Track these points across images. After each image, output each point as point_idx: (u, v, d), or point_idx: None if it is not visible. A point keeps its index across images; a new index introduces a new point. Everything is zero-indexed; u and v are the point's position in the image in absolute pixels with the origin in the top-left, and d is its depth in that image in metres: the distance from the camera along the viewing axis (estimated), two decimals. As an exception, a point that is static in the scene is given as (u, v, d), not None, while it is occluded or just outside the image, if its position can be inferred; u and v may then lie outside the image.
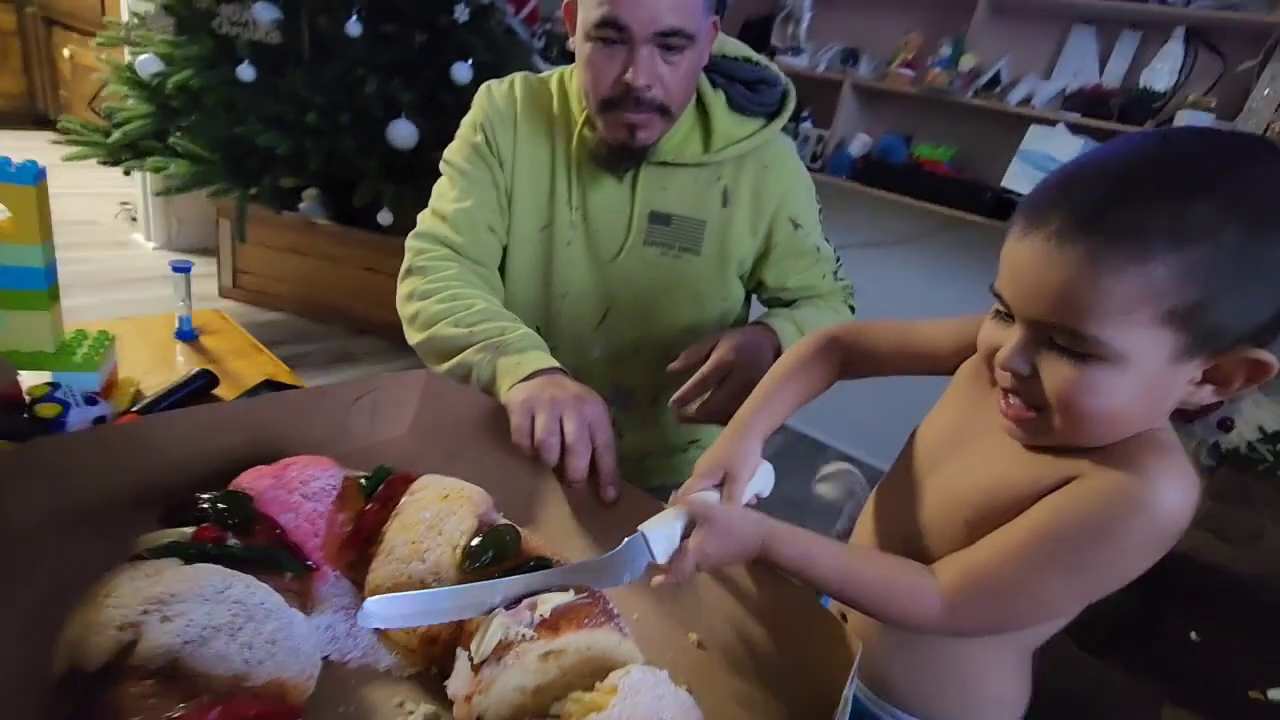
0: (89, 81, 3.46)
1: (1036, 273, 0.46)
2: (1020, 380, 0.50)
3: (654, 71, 0.81)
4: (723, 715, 0.52)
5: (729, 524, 0.53)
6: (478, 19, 2.20)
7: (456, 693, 0.47)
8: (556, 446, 0.68)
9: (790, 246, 0.98)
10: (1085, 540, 0.47)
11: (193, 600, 0.43)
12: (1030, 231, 0.46)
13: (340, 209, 2.46)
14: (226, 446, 0.63)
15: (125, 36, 2.07)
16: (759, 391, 0.68)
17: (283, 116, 1.95)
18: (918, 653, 0.62)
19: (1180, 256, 0.41)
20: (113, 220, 3.08)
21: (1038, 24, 2.01)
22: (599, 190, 0.95)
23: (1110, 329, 0.44)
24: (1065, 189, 0.46)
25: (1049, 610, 0.52)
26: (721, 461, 0.62)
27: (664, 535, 0.53)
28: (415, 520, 0.56)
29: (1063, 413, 0.48)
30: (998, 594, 0.50)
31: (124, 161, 2.00)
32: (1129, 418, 0.48)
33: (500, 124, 0.95)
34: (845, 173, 2.13)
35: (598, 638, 0.50)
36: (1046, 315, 0.46)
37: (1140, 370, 0.45)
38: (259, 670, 0.42)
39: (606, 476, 0.68)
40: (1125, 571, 0.48)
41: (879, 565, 0.54)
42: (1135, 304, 0.43)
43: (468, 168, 0.94)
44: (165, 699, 0.38)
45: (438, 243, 0.93)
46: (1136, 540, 0.46)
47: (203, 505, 0.53)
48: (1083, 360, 0.45)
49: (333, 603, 0.55)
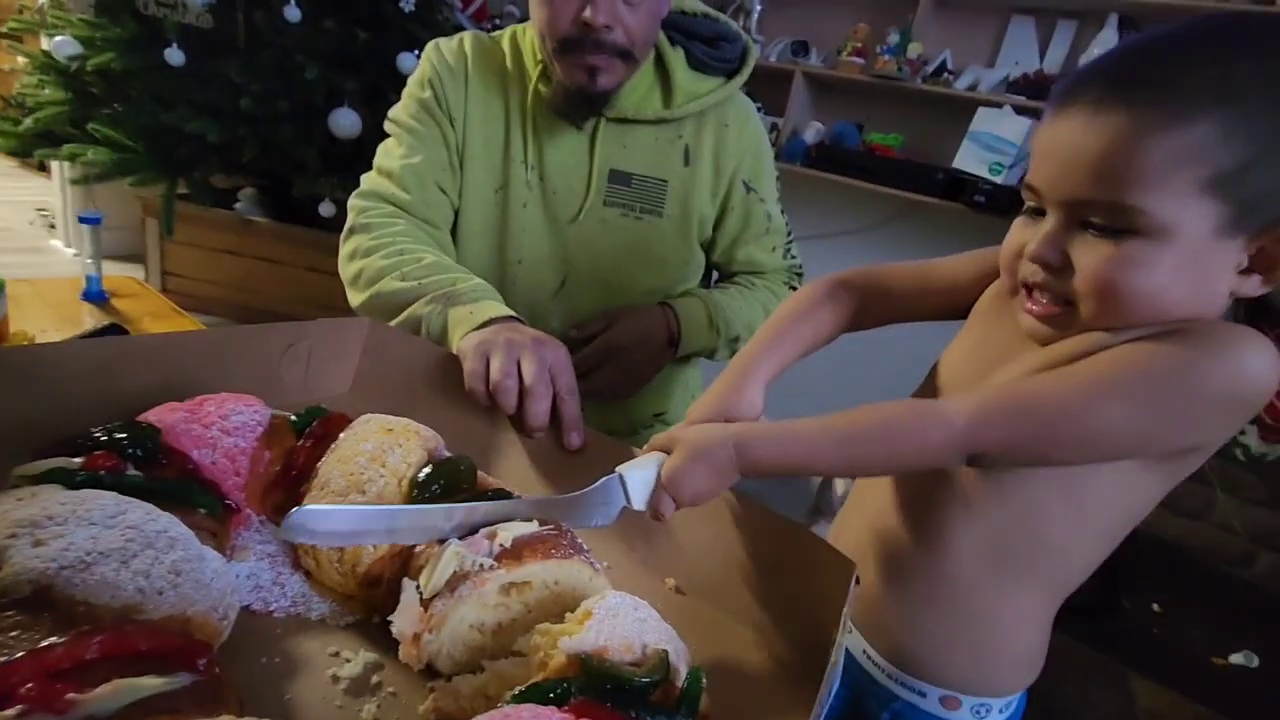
0: (2, 84, 3.26)
1: (1072, 147, 0.43)
2: (1050, 271, 0.46)
3: (613, 12, 0.78)
4: (708, 658, 0.46)
5: (693, 444, 0.46)
6: (424, 10, 2.15)
7: (403, 630, 0.40)
8: (513, 390, 0.62)
9: (743, 212, 0.96)
10: (1158, 371, 0.42)
11: (74, 523, 0.36)
12: (1063, 110, 0.44)
13: (279, 208, 2.34)
14: (132, 388, 0.55)
15: (40, 20, 1.94)
16: (761, 335, 0.62)
17: (215, 103, 1.84)
18: (942, 609, 0.56)
19: (1223, 113, 0.39)
20: (28, 227, 2.88)
21: (979, 15, 2.06)
22: (556, 147, 0.90)
23: (1152, 198, 0.41)
24: (1100, 65, 0.44)
25: (1098, 443, 0.44)
26: (720, 409, 0.55)
27: (642, 478, 0.46)
28: (355, 453, 0.49)
29: (1098, 297, 0.44)
30: (1038, 408, 0.43)
31: (36, 153, 1.85)
32: (1170, 300, 0.43)
33: (450, 79, 0.89)
34: (800, 160, 2.14)
35: (567, 570, 0.44)
36: (1084, 191, 0.43)
37: (1182, 245, 0.42)
38: (157, 601, 0.35)
39: (569, 422, 0.62)
40: (1198, 424, 0.43)
41: (870, 415, 0.47)
42: (1178, 166, 0.40)
43: (415, 125, 0.88)
44: (30, 631, 0.31)
45: (383, 200, 0.86)
46: (1216, 387, 0.41)
47: (96, 435, 0.45)
48: (1120, 236, 0.42)
49: (255, 550, 0.48)
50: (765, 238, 0.97)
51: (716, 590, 0.52)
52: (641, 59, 0.85)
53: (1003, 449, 0.44)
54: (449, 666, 0.40)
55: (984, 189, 1.84)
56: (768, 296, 0.97)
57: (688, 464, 0.45)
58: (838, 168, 2.08)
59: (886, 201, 2.12)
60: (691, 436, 0.47)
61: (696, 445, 0.46)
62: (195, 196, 2.16)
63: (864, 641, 0.60)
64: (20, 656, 0.29)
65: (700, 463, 0.46)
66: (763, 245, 0.97)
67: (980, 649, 0.55)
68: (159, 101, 1.86)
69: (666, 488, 0.46)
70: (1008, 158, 1.83)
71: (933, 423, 0.45)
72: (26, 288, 0.78)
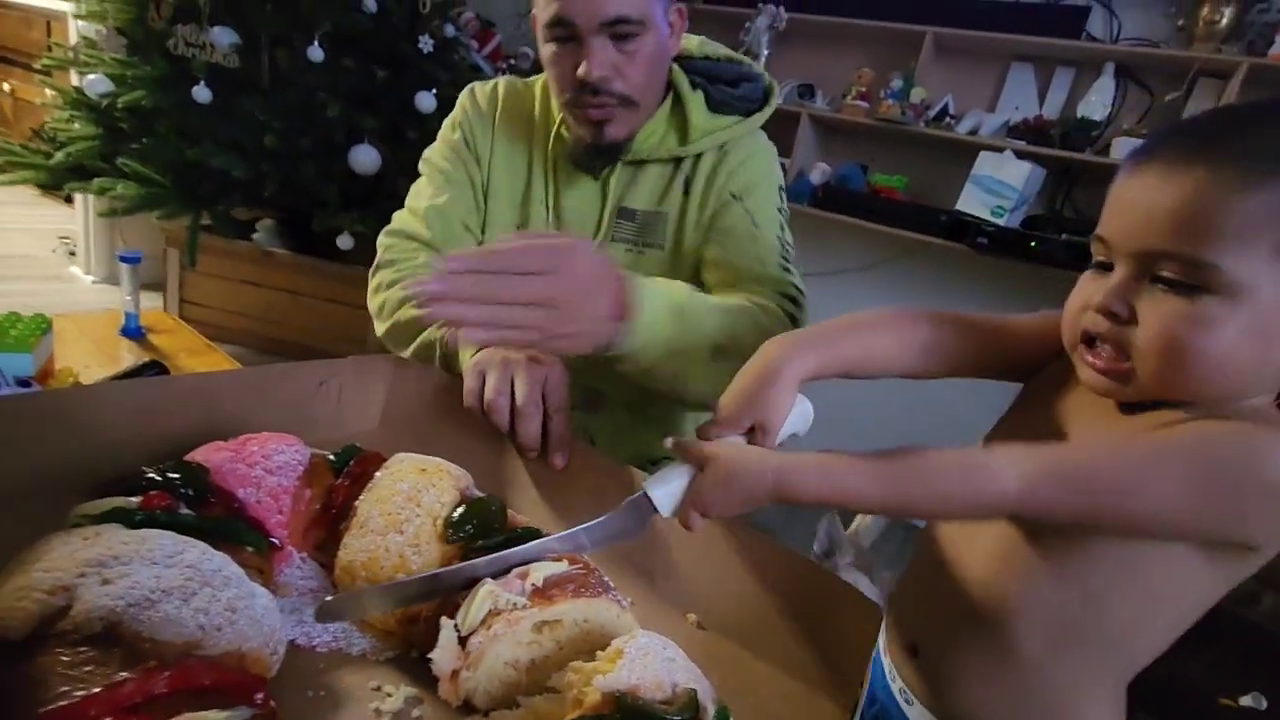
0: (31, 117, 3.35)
1: (1148, 201, 0.43)
2: (1114, 323, 0.45)
3: (608, 63, 0.80)
4: (731, 693, 0.48)
5: (731, 468, 0.46)
6: (442, 51, 2.22)
7: (442, 667, 0.42)
8: (506, 408, 0.64)
9: (724, 218, 0.90)
10: (1218, 455, 0.41)
11: (138, 563, 0.38)
12: (1143, 165, 0.44)
13: (298, 240, 2.39)
14: (176, 427, 0.57)
15: (73, 58, 2.01)
16: (804, 330, 0.57)
17: (239, 140, 1.90)
18: (1003, 685, 0.53)
19: None
20: (50, 254, 2.93)
21: (979, 61, 2.12)
22: (573, 191, 0.94)
23: (1230, 256, 0.40)
24: (1183, 125, 0.44)
25: (1145, 516, 0.42)
26: (750, 405, 0.51)
27: (668, 492, 0.47)
28: (392, 492, 0.51)
29: (1161, 355, 0.43)
30: (1090, 478, 0.42)
31: (67, 185, 1.91)
32: (1234, 363, 0.42)
33: (479, 123, 0.95)
34: (807, 200, 2.18)
35: (596, 608, 0.46)
36: (1158, 243, 0.42)
37: (1254, 307, 0.40)
38: (216, 638, 0.37)
39: (554, 442, 0.64)
40: (1252, 514, 0.41)
41: (919, 460, 0.45)
42: (1260, 227, 0.40)
43: (445, 165, 0.93)
44: (103, 666, 0.33)
45: (408, 238, 0.90)
46: (1275, 479, 0.39)
47: (150, 476, 0.47)
48: (1192, 293, 0.41)
49: (298, 587, 0.50)
50: (748, 244, 0.89)
51: (737, 626, 0.54)
52: (646, 104, 0.87)
53: (1051, 515, 0.44)
54: (485, 702, 0.42)
55: (986, 231, 1.88)
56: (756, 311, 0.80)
57: (720, 488, 0.46)
58: (843, 208, 2.12)
59: (891, 241, 2.16)
60: (728, 458, 0.46)
61: (732, 469, 0.46)
62: (216, 228, 2.21)
63: (927, 714, 0.59)
64: (97, 692, 0.32)
65: (733, 487, 0.45)
66: (743, 250, 0.89)
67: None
68: (185, 137, 1.92)
69: (695, 505, 0.46)
70: (1009, 201, 1.87)
71: (984, 479, 0.44)
72: (69, 323, 0.82)
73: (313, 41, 1.94)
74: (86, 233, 2.80)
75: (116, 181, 1.84)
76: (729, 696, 0.46)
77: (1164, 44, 1.88)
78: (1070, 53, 1.96)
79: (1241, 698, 1.49)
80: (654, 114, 0.90)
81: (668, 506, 0.47)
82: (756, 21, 2.22)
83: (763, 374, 0.53)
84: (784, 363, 0.53)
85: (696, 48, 0.96)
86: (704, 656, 0.46)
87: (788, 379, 0.53)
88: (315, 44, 1.94)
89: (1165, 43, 1.88)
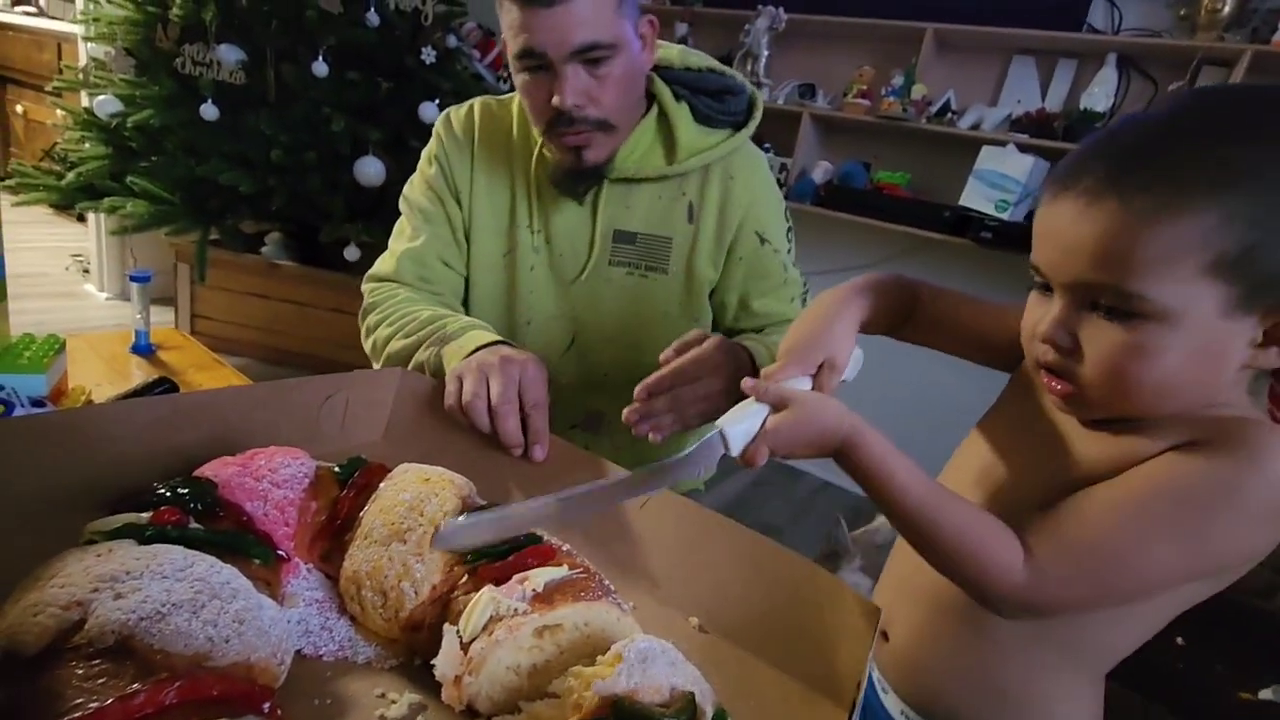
0: (42, 137, 3.41)
1: (1071, 232, 0.43)
2: (1061, 353, 0.46)
3: (580, 89, 0.79)
4: (732, 695, 0.48)
5: (813, 411, 0.48)
6: (444, 61, 2.24)
7: (445, 673, 0.43)
8: (483, 410, 0.66)
9: (756, 263, 0.93)
10: (1199, 501, 0.42)
11: (149, 577, 0.39)
12: (1061, 193, 0.44)
13: (305, 252, 2.42)
14: (185, 443, 0.59)
15: (83, 80, 2.05)
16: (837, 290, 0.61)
17: (246, 155, 1.93)
18: (972, 675, 0.56)
19: (1220, 200, 0.39)
20: (63, 272, 2.98)
21: (980, 55, 2.12)
22: (560, 211, 0.93)
23: (1154, 283, 0.41)
24: (1096, 148, 0.44)
25: (1151, 585, 0.45)
26: (818, 344, 0.54)
27: (742, 430, 0.49)
28: (395, 502, 0.52)
29: (1110, 381, 0.44)
30: (1093, 562, 0.44)
31: (78, 204, 1.94)
32: (1182, 383, 0.43)
33: (455, 153, 0.95)
34: (809, 199, 2.19)
35: (596, 612, 0.47)
36: (1086, 274, 0.43)
37: (1191, 328, 0.41)
38: (224, 649, 0.38)
39: (532, 436, 0.66)
40: (1242, 543, 0.43)
41: (965, 504, 0.47)
42: (1177, 254, 0.40)
43: (423, 203, 0.95)
44: (116, 679, 0.34)
45: (387, 281, 0.93)
46: (1260, 506, 0.41)
47: (160, 492, 0.49)
48: (1128, 320, 0.42)
49: (304, 597, 0.51)
50: (783, 289, 0.95)
51: (739, 629, 0.54)
52: (624, 125, 0.86)
53: (1060, 603, 0.46)
54: (488, 708, 0.43)
55: (990, 225, 1.88)
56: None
57: (798, 428, 0.48)
58: (846, 206, 2.13)
59: (895, 238, 2.16)
60: (810, 404, 0.49)
61: (811, 414, 0.48)
62: (225, 242, 2.24)
63: (901, 703, 0.60)
64: (110, 703, 0.33)
65: (809, 430, 0.48)
66: (780, 296, 0.95)
67: (1017, 713, 0.55)
68: (194, 154, 1.95)
69: (768, 441, 0.49)
70: (1013, 195, 1.87)
71: (998, 559, 0.45)
72: (80, 342, 0.83)
73: (317, 56, 1.97)
74: (99, 250, 2.85)
75: (127, 199, 1.88)
76: (730, 699, 0.46)
77: (1166, 33, 1.87)
78: (1072, 44, 1.95)
79: (1261, 691, 1.48)
80: (636, 129, 0.89)
81: (738, 445, 0.49)
82: (756, 23, 2.23)
83: (827, 315, 0.57)
84: (844, 305, 0.58)
85: (678, 58, 0.94)
86: (705, 659, 0.47)
87: (849, 318, 0.57)
88: (320, 58, 1.97)
89: (1168, 32, 1.87)
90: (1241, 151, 0.39)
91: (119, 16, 1.97)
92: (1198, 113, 0.42)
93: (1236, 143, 0.40)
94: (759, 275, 0.94)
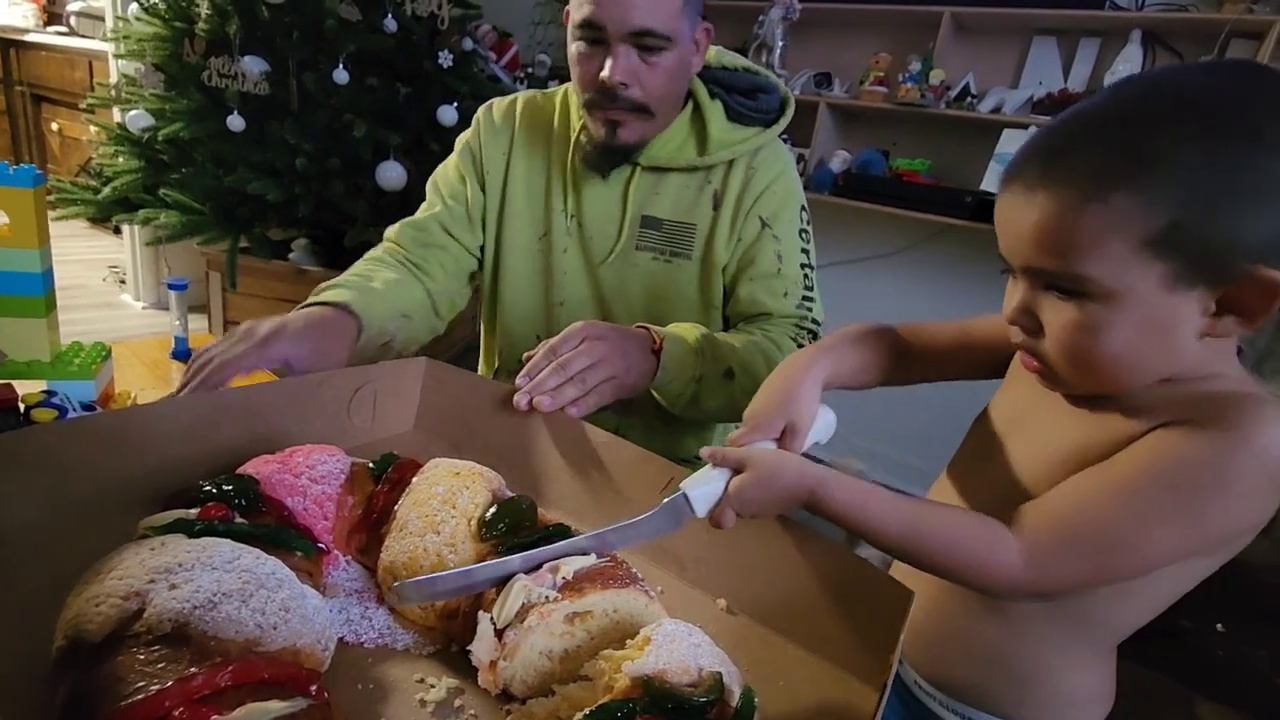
0: (77, 153, 3.51)
1: (1016, 221, 0.47)
2: (1028, 333, 0.49)
3: (629, 70, 0.83)
4: (760, 676, 0.49)
5: (771, 470, 0.50)
6: (461, 64, 2.26)
7: (480, 659, 0.45)
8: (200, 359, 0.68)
9: (751, 247, 0.94)
10: (1192, 481, 0.43)
11: (200, 568, 0.41)
12: (1010, 184, 0.48)
13: (330, 257, 2.47)
14: (226, 440, 0.61)
15: (115, 96, 2.11)
16: (810, 347, 0.63)
17: (273, 164, 1.97)
18: (983, 646, 0.57)
19: (1139, 184, 0.42)
20: (101, 283, 3.08)
21: (1000, 37, 2.09)
22: (593, 195, 0.96)
23: (1091, 265, 0.44)
24: (1038, 140, 0.47)
25: (1151, 563, 0.46)
26: (780, 410, 0.56)
27: (706, 493, 0.50)
28: (428, 496, 0.54)
29: (1068, 357, 0.47)
30: (1092, 544, 0.45)
31: (115, 217, 2.01)
32: (1138, 357, 0.46)
33: (491, 140, 0.99)
34: (828, 189, 2.17)
35: (625, 599, 0.48)
36: (1035, 260, 0.46)
37: (1135, 303, 0.44)
38: (273, 635, 0.40)
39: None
40: (1239, 518, 0.44)
41: (946, 514, 0.49)
42: (1107, 236, 0.43)
43: (444, 182, 1.00)
44: (174, 663, 0.36)
45: (386, 243, 0.97)
46: (1249, 480, 0.42)
47: (206, 489, 0.51)
48: (1078, 300, 0.45)
49: (344, 588, 0.53)
50: (774, 281, 0.94)
51: (766, 610, 0.55)
52: (662, 114, 0.90)
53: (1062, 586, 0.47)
54: (523, 691, 0.45)
55: (1015, 209, 1.85)
56: (768, 344, 0.89)
57: (758, 490, 0.49)
58: (865, 195, 2.11)
59: (916, 226, 2.14)
60: (768, 464, 0.50)
61: (771, 473, 0.50)
62: (253, 249, 2.30)
63: (915, 674, 0.61)
64: (171, 685, 0.35)
65: (772, 488, 0.49)
66: (770, 289, 0.93)
67: (1028, 687, 0.56)
68: (222, 165, 2.00)
69: (732, 504, 0.50)
70: (1037, 177, 1.84)
71: (994, 555, 0.46)
72: (124, 349, 0.87)
73: (338, 64, 2.00)
74: (134, 261, 2.93)
75: (159, 211, 1.93)
76: (758, 680, 0.47)
77: (1193, 7, 1.83)
78: (1094, 22, 1.91)
79: (1302, 677, 1.45)
80: (672, 123, 0.93)
81: (703, 507, 0.50)
82: (770, 13, 2.22)
83: (789, 379, 0.59)
84: (805, 369, 0.59)
85: (714, 57, 0.98)
86: (733, 641, 0.48)
87: (810, 382, 0.59)
88: (340, 66, 2.00)
89: (1194, 6, 1.83)
90: (1159, 138, 0.42)
91: (147, 33, 2.03)
92: (1123, 102, 0.44)
93: (1154, 130, 0.42)
94: (750, 260, 0.94)
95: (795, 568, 0.55)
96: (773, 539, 0.56)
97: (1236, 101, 0.41)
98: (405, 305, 0.88)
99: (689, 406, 0.85)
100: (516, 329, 1.03)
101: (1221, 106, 0.41)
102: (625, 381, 0.74)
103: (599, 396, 0.72)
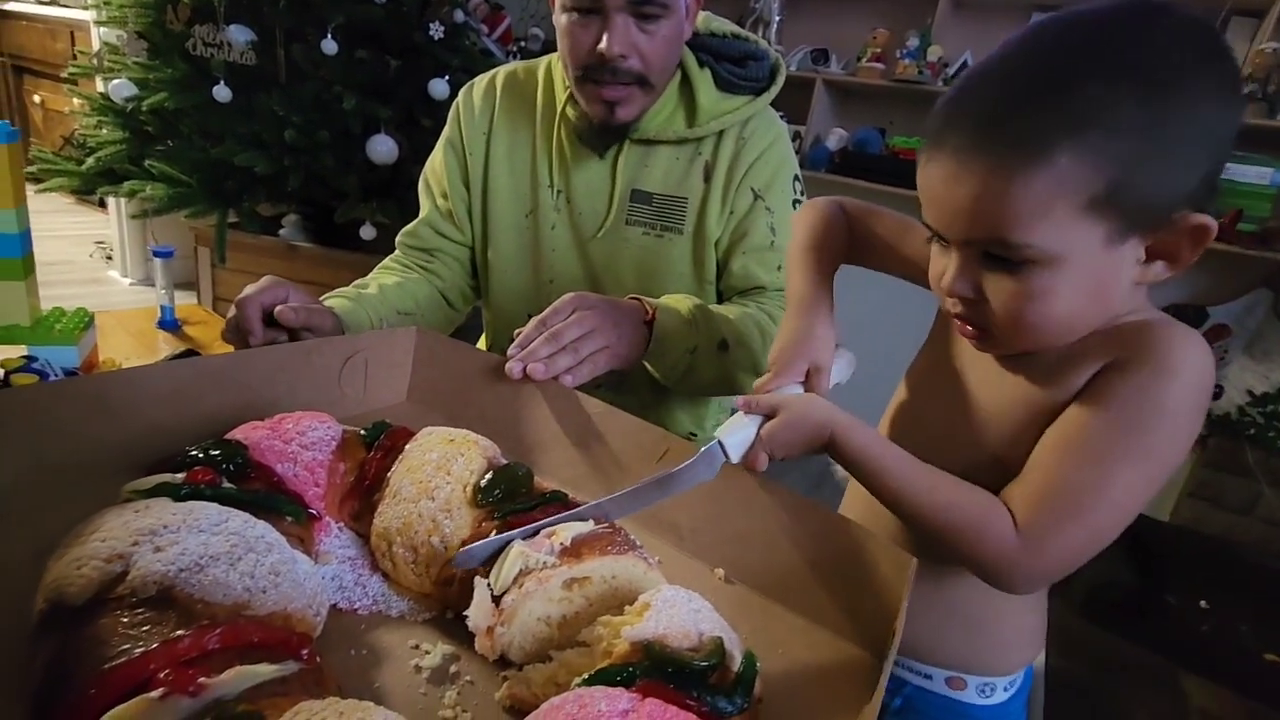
0: (61, 126, 3.44)
1: (949, 193, 0.45)
2: (967, 304, 0.49)
3: (629, 40, 0.80)
4: (759, 644, 0.49)
5: (802, 412, 0.52)
6: (452, 37, 2.22)
7: (478, 625, 0.44)
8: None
9: (744, 220, 0.92)
10: (1140, 423, 0.45)
11: (186, 530, 0.40)
12: (934, 154, 0.46)
13: (321, 233, 2.43)
14: (212, 407, 0.60)
15: (97, 65, 2.06)
16: (802, 269, 0.64)
17: (261, 136, 1.93)
18: (942, 604, 0.59)
19: (1081, 145, 0.41)
20: (88, 259, 3.03)
21: (998, 14, 2.07)
22: (581, 170, 0.94)
23: (1035, 233, 0.43)
24: (958, 105, 0.46)
25: (1127, 510, 0.47)
26: (803, 353, 0.58)
27: (739, 439, 0.52)
28: (422, 462, 0.53)
29: (1014, 325, 0.47)
30: (1076, 507, 0.46)
31: (99, 190, 1.96)
32: (1080, 315, 0.47)
33: (470, 123, 0.97)
34: (824, 166, 2.16)
35: (623, 564, 0.47)
36: (972, 233, 0.46)
37: (1078, 265, 0.44)
38: (262, 599, 0.39)
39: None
40: (1184, 442, 0.46)
41: (952, 483, 0.50)
42: (1050, 202, 0.42)
43: (430, 182, 1.01)
44: (159, 626, 0.35)
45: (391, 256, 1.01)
46: (1184, 406, 0.45)
47: (193, 454, 0.49)
48: (1020, 268, 0.45)
49: (337, 555, 0.52)
50: (768, 254, 0.92)
51: (764, 579, 0.55)
52: (660, 86, 0.88)
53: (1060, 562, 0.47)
54: (520, 656, 0.44)
55: (1012, 187, 1.84)
56: (762, 317, 0.88)
57: (790, 431, 0.51)
58: (862, 173, 2.10)
59: (913, 204, 2.12)
60: (798, 407, 0.52)
61: (801, 415, 0.52)
62: (243, 224, 2.26)
63: None
64: (156, 646, 0.34)
65: (802, 430, 0.51)
66: (764, 262, 0.92)
67: (974, 633, 0.59)
68: (208, 136, 1.96)
69: (765, 446, 0.52)
70: (1036, 155, 1.83)
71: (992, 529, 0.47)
72: (109, 318, 0.85)
73: (326, 34, 1.96)
74: (121, 236, 2.89)
75: (145, 183, 1.89)
76: (758, 648, 0.46)
77: (1195, -17, 1.80)
78: (1095, -1, 1.89)
79: (1288, 652, 1.47)
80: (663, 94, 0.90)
81: (737, 453, 0.52)
82: (767, -13, 2.19)
83: (801, 320, 0.60)
84: (814, 305, 0.61)
85: (702, 24, 0.94)
86: (732, 609, 0.47)
87: (822, 317, 0.60)
88: (329, 37, 1.96)
89: (1197, -18, 1.80)
90: (1089, 93, 0.41)
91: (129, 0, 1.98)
92: (1047, 56, 0.43)
93: (1084, 84, 0.41)
94: (743, 233, 0.93)
95: (793, 537, 0.54)
96: (769, 508, 0.55)
97: (1160, 50, 0.41)
98: (404, 304, 0.91)
99: (684, 380, 0.83)
100: (508, 307, 1.01)
101: (1147, 57, 0.41)
102: (618, 351, 0.73)
103: (592, 366, 0.71)
